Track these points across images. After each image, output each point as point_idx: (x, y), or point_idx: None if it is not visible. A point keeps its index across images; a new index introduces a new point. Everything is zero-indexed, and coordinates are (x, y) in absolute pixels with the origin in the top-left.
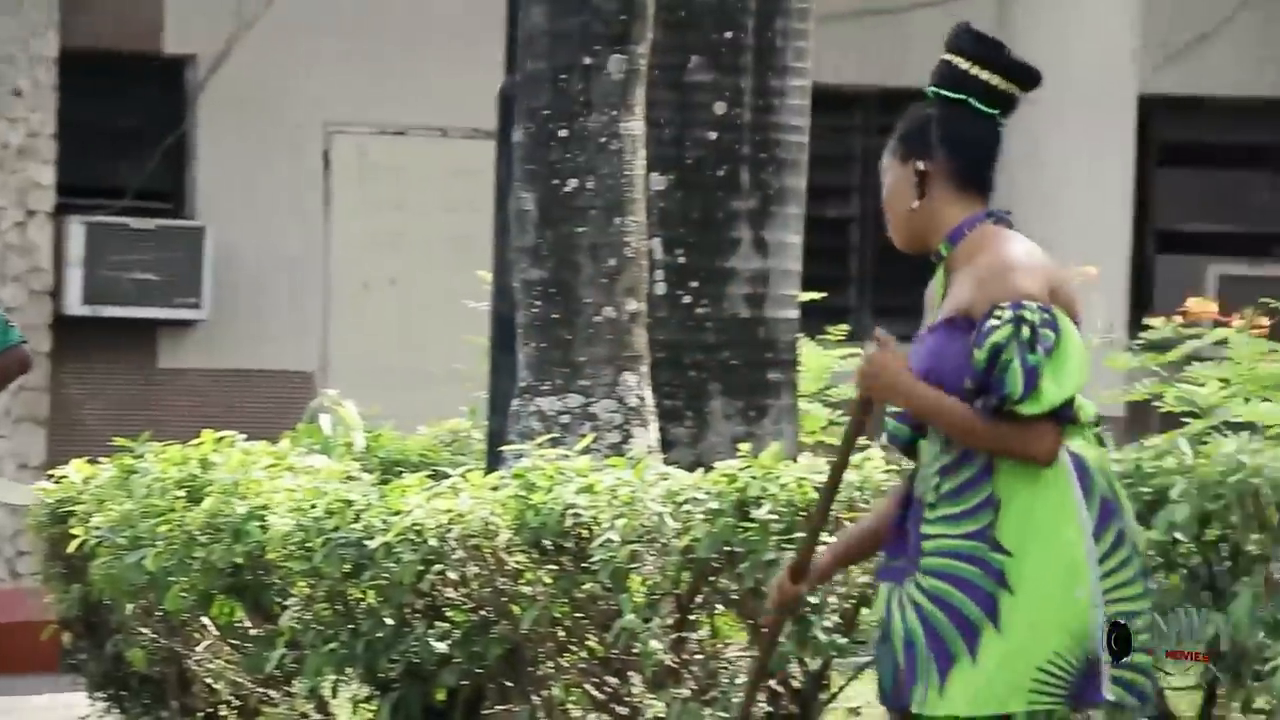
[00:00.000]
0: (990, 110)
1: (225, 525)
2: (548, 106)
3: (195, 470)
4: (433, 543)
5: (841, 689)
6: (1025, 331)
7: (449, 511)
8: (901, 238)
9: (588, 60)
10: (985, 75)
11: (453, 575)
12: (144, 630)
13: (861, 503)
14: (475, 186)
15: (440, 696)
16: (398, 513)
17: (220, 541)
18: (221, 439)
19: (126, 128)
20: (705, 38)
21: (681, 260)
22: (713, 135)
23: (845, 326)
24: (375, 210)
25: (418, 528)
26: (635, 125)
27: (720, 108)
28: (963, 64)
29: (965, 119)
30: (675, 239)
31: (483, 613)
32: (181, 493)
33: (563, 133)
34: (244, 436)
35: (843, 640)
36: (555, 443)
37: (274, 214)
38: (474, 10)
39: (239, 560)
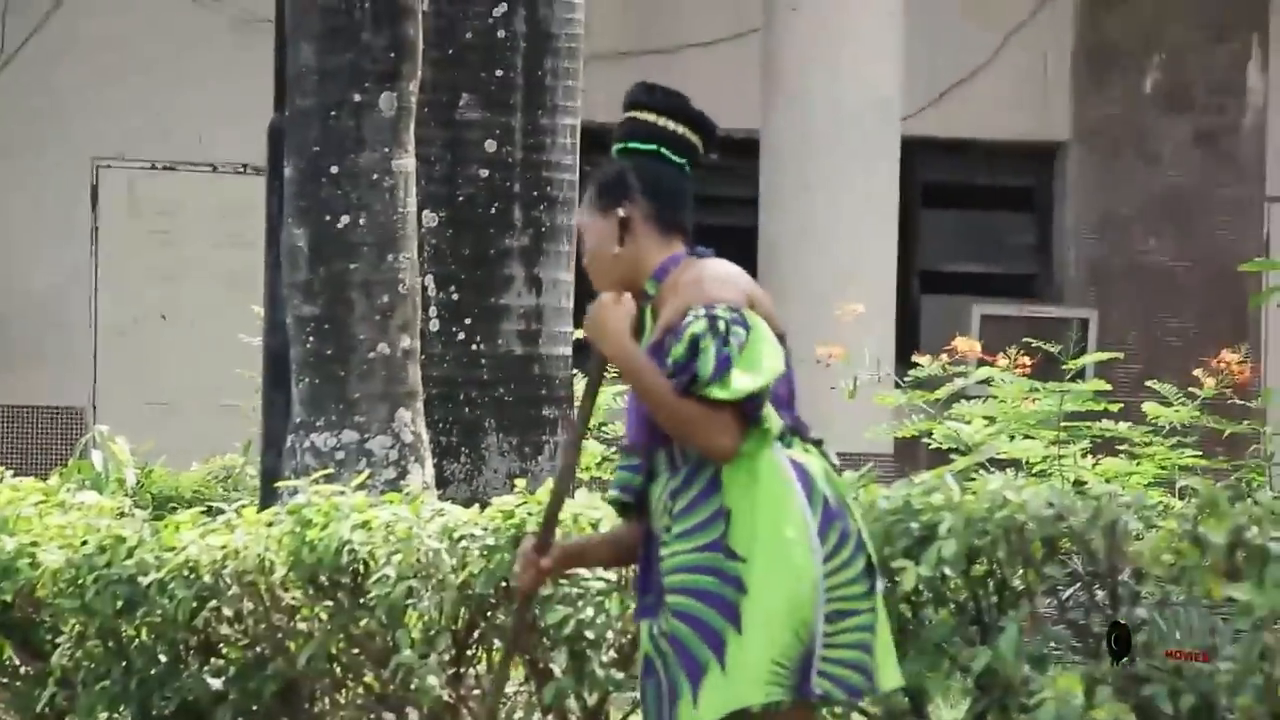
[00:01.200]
0: (679, 159)
1: None
2: (318, 143)
3: None
4: (207, 579)
5: None
6: (720, 326)
7: (224, 548)
8: (604, 283)
9: (358, 97)
10: (673, 126)
11: (228, 612)
12: None
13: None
14: (246, 222)
15: None
16: (171, 549)
17: None
18: None
19: None
20: (475, 76)
21: (455, 297)
22: (484, 173)
23: None
24: (145, 245)
25: (192, 564)
26: (407, 162)
27: (491, 145)
28: (650, 117)
29: (659, 167)
30: (448, 276)
31: (258, 649)
32: None
33: (334, 169)
34: (12, 473)
35: (619, 675)
36: (330, 479)
37: (42, 248)
38: (244, 46)
39: (7, 598)
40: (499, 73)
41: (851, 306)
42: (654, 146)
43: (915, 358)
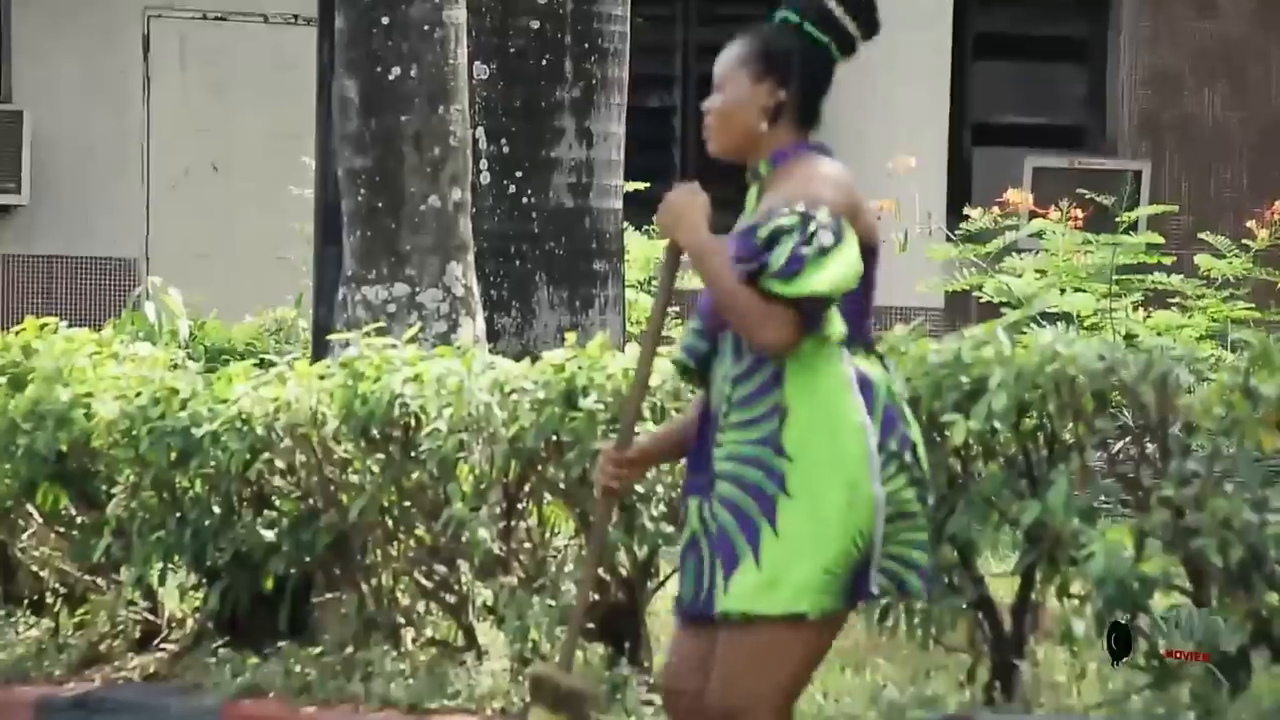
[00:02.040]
0: (824, 38)
1: (49, 413)
2: None
3: (17, 357)
4: (260, 431)
5: (669, 577)
6: (811, 226)
7: (276, 400)
8: (726, 145)
9: None
10: (849, 25)
11: (280, 464)
12: None
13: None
14: (297, 74)
15: (268, 584)
16: (224, 401)
17: (44, 429)
18: (44, 326)
19: None
20: None
21: (505, 150)
22: (535, 24)
23: None
24: (196, 96)
25: (244, 416)
26: (457, 13)
27: None
28: (835, 8)
29: (822, 60)
30: (499, 129)
31: (310, 501)
32: (3, 380)
33: (384, 20)
34: (66, 324)
35: (669, 528)
36: (382, 332)
37: (93, 99)
38: None
39: (63, 448)
40: None
41: (903, 159)
42: (825, 37)
43: (966, 210)
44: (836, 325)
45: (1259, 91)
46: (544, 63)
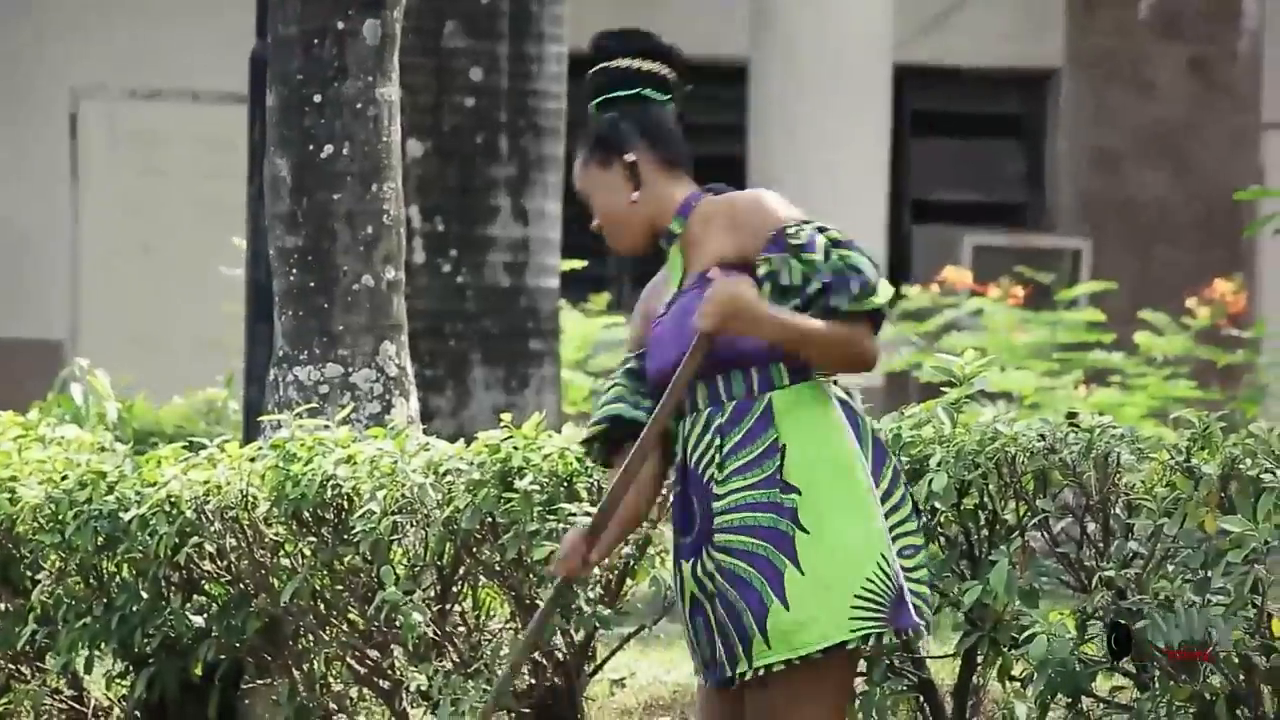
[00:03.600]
0: (663, 96)
1: None
2: (300, 71)
3: None
4: (189, 515)
5: (606, 660)
6: (838, 235)
7: (206, 483)
8: (629, 238)
9: (341, 24)
10: (649, 65)
11: (210, 548)
12: None
13: None
14: (228, 152)
15: (197, 671)
16: (153, 484)
17: None
18: None
19: None
20: (460, 3)
21: (440, 228)
22: (470, 102)
23: (607, 295)
24: (125, 176)
25: (174, 499)
26: (391, 91)
27: (477, 74)
28: (624, 62)
29: (647, 108)
30: (433, 207)
31: (241, 585)
32: None
33: (316, 98)
34: None
35: (606, 611)
36: (314, 413)
37: (20, 180)
38: None
39: None
40: (484, 0)
41: None
42: (635, 90)
43: (905, 289)
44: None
45: (1199, 170)
46: (479, 140)
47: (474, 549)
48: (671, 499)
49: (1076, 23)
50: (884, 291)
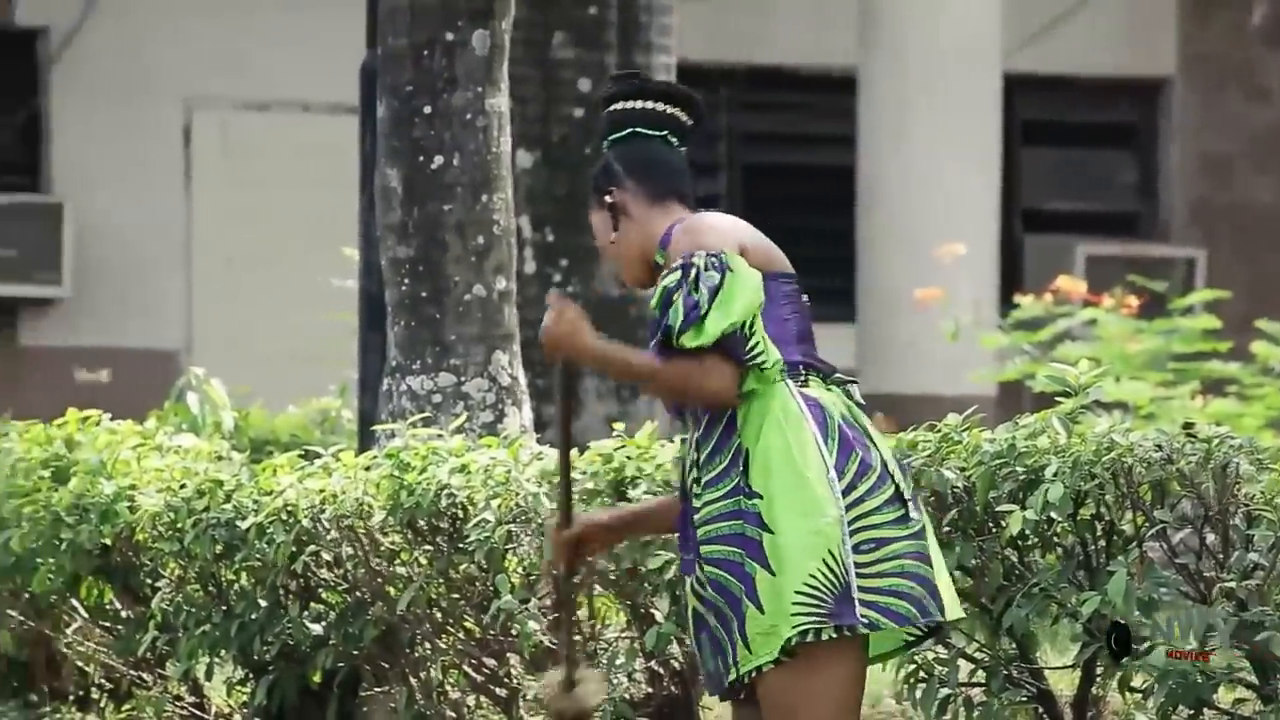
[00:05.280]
0: (657, 132)
1: (92, 506)
2: (411, 82)
3: (60, 450)
4: (305, 523)
5: None
6: (692, 274)
7: (321, 492)
8: (629, 272)
9: (450, 35)
10: (641, 104)
11: (327, 556)
12: (11, 613)
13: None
14: (339, 162)
15: (316, 679)
16: (269, 493)
17: (88, 522)
18: (86, 419)
19: None
20: (569, 14)
21: (550, 239)
22: (578, 112)
23: None
24: (238, 186)
25: (290, 508)
26: (500, 101)
27: (585, 84)
28: (620, 105)
29: (637, 146)
30: (543, 217)
31: (358, 594)
32: (46, 473)
33: (427, 109)
34: (109, 416)
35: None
36: (428, 422)
37: (135, 190)
38: None
39: (107, 541)
40: (593, 10)
41: (951, 247)
42: (627, 130)
43: (1018, 298)
44: (771, 353)
45: None
46: (587, 150)
47: (588, 557)
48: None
49: (1188, 30)
50: (700, 332)
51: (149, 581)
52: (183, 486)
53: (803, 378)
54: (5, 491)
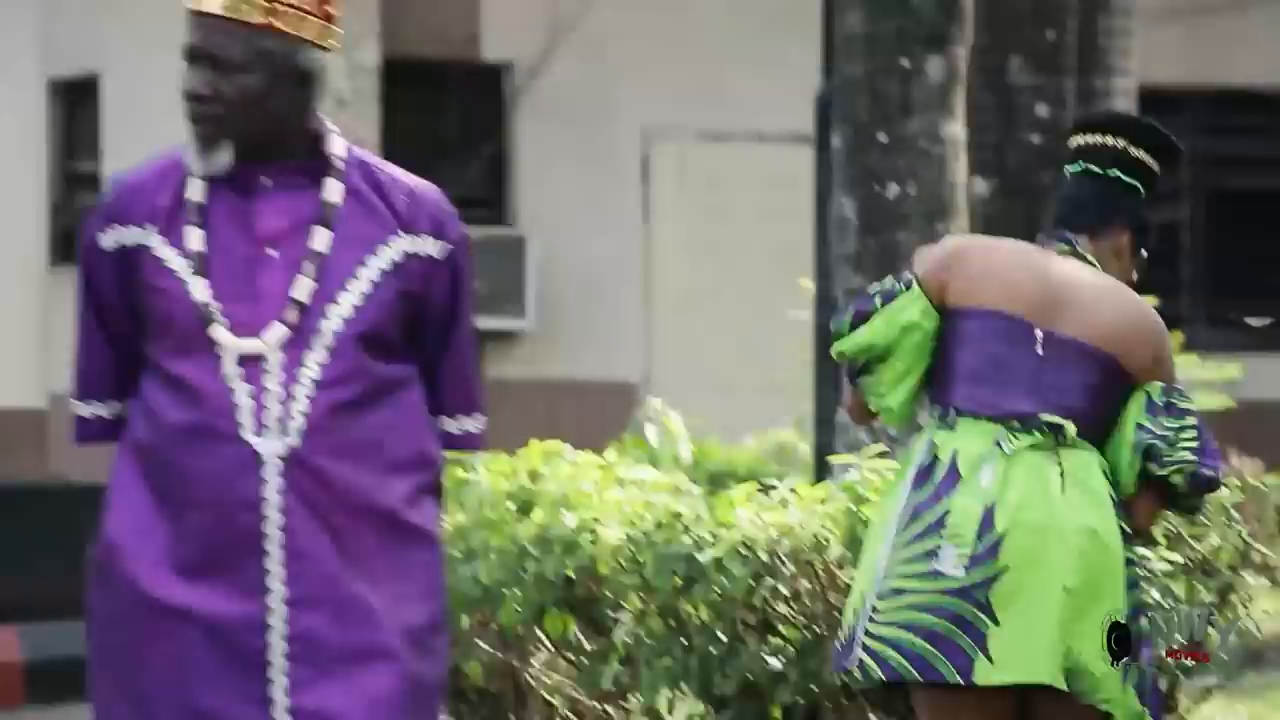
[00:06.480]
0: (1147, 194)
1: (556, 538)
2: (866, 110)
3: (524, 482)
4: (763, 557)
5: (1189, 710)
6: (872, 287)
7: (778, 525)
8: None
9: (906, 63)
10: (1151, 163)
11: (784, 590)
12: (480, 643)
13: None
14: (793, 193)
15: (776, 714)
16: (727, 526)
17: (551, 554)
18: (549, 451)
19: (446, 136)
20: (1026, 38)
21: None
22: (1036, 138)
23: (1179, 334)
24: (694, 218)
25: (748, 541)
26: (956, 128)
27: (1043, 110)
28: (1140, 154)
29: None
30: None
31: (815, 629)
32: (512, 505)
33: (882, 137)
34: (569, 447)
35: (1189, 662)
36: (884, 455)
37: (593, 223)
38: (789, 14)
39: (570, 573)
40: (1050, 34)
41: None
42: (1133, 182)
43: None
44: (890, 397)
45: None
46: (1045, 178)
47: None
48: None
49: None
50: (838, 334)
51: (611, 614)
52: (642, 519)
53: (951, 420)
54: (474, 523)
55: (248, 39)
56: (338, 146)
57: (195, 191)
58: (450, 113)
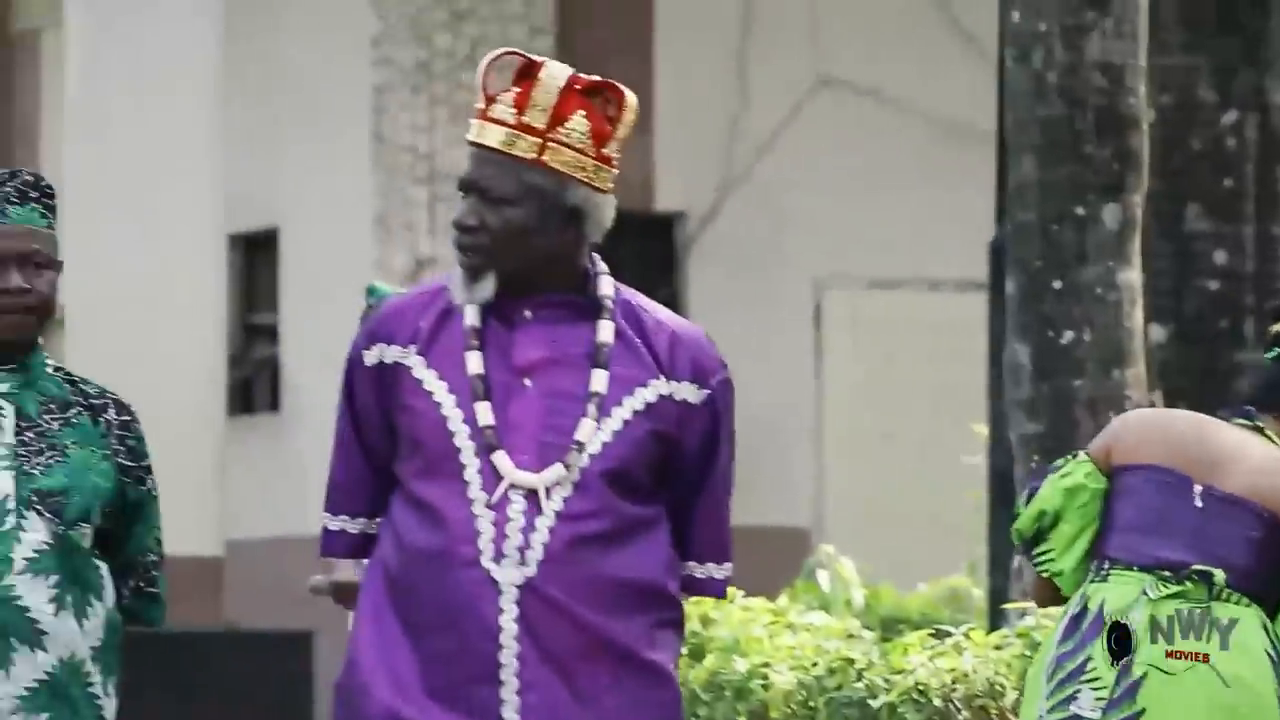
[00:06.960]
0: None
1: (727, 683)
2: (1040, 257)
3: (696, 627)
4: (937, 703)
5: None
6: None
7: (953, 671)
8: None
9: (1081, 210)
10: None
11: None
12: None
13: None
14: (966, 338)
15: None
16: (900, 671)
17: (723, 699)
18: (720, 596)
19: (621, 282)
20: (1203, 185)
21: None
22: (1214, 285)
23: None
24: (866, 363)
25: (921, 687)
26: (1132, 275)
27: (1221, 257)
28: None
29: None
30: (1177, 392)
31: None
32: (685, 650)
33: (1056, 284)
34: (741, 593)
35: None
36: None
37: (764, 369)
38: (961, 162)
39: (743, 719)
40: (1228, 182)
41: None
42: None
43: None
44: (1060, 562)
45: None
46: (1223, 324)
47: None
48: None
49: None
50: (1020, 514)
51: None
52: (814, 664)
53: (1105, 570)
54: None
55: (518, 173)
56: (607, 286)
57: (472, 317)
58: (625, 260)
